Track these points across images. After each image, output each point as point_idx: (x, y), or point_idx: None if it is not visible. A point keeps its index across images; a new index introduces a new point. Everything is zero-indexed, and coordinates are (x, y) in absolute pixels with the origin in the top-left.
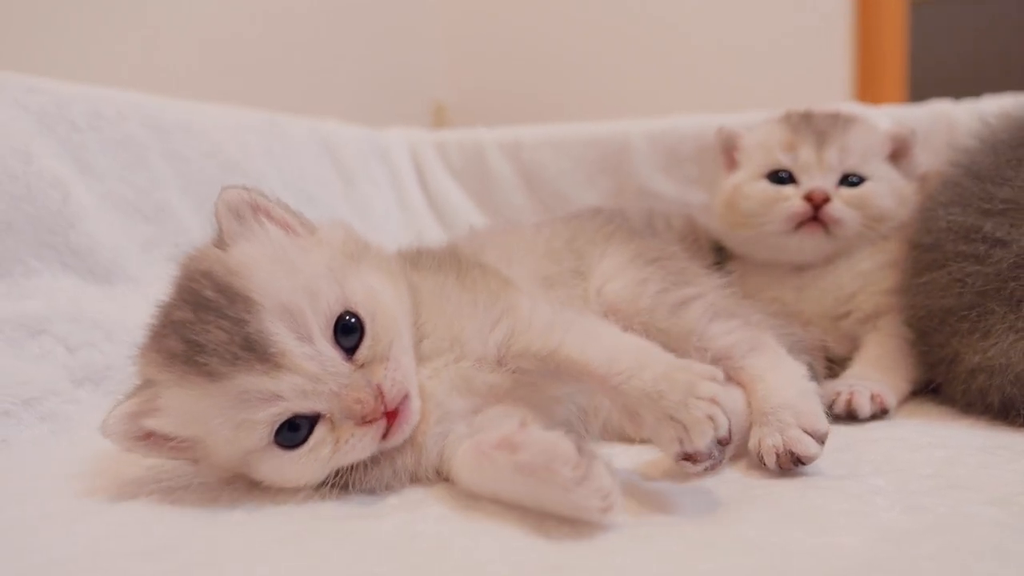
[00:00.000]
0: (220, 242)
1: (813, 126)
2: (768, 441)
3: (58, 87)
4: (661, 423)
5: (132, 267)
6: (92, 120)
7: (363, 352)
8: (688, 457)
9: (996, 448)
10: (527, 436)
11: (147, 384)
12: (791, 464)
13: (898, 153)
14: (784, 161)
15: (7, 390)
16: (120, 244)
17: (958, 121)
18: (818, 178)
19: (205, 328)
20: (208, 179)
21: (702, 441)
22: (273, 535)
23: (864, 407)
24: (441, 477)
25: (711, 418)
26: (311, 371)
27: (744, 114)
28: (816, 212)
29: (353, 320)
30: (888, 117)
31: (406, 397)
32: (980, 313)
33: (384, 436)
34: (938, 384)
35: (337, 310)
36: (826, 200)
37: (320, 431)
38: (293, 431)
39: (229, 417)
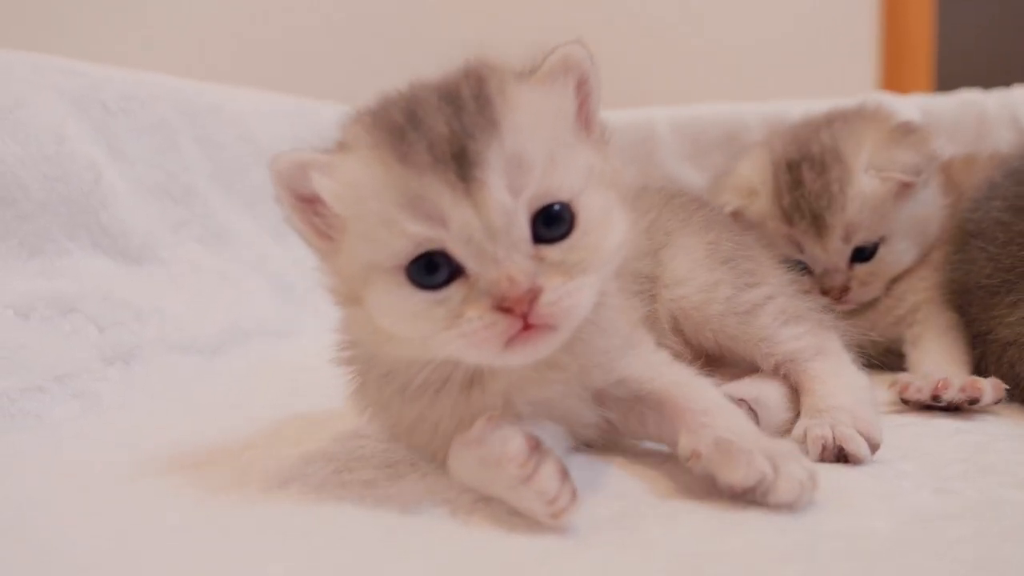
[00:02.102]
0: (523, 73)
1: (807, 204)
2: (817, 431)
3: (93, 70)
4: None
5: (162, 249)
6: (124, 103)
7: (552, 251)
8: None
9: None
10: (490, 431)
11: (339, 147)
12: (834, 459)
13: (906, 189)
14: (793, 255)
15: (40, 367)
16: (150, 226)
17: (988, 111)
18: (828, 269)
19: (436, 115)
20: (237, 164)
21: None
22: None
23: (989, 392)
24: None
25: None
26: (494, 222)
27: (770, 104)
28: (839, 295)
29: (565, 215)
30: (916, 108)
31: (553, 329)
32: (1010, 289)
33: (509, 341)
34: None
35: (559, 196)
36: (845, 289)
37: (456, 289)
38: (430, 271)
39: (387, 210)
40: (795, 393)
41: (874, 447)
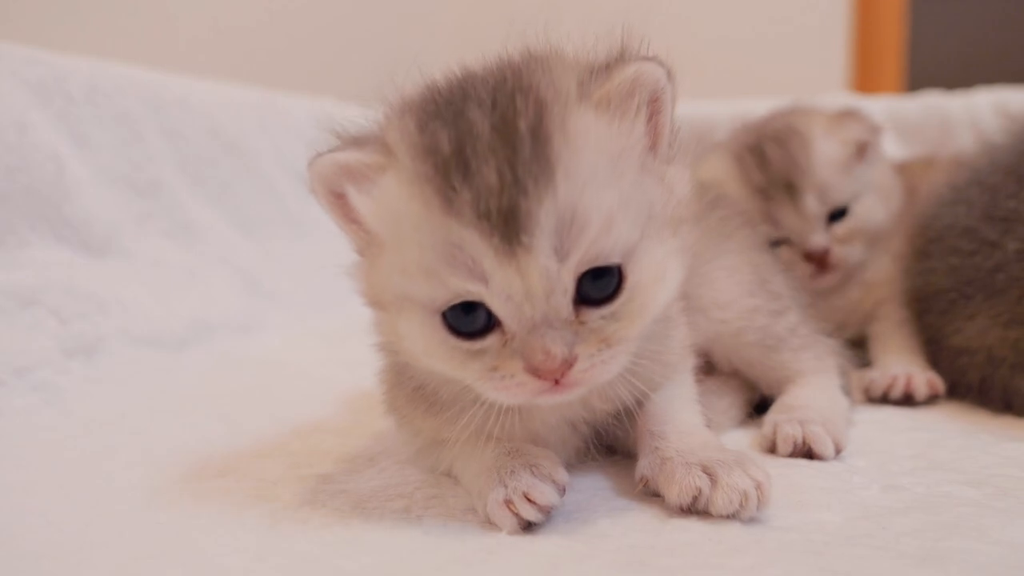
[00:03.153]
0: (586, 90)
1: (776, 176)
2: (787, 429)
3: (57, 60)
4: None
5: (126, 241)
6: (89, 94)
7: (594, 314)
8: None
9: (977, 432)
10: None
11: (381, 149)
12: (801, 456)
13: (863, 149)
14: (772, 233)
15: None
16: (114, 218)
17: (951, 114)
18: (807, 232)
19: (487, 157)
20: (204, 156)
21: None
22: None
23: (921, 389)
24: None
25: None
26: (535, 289)
27: (739, 102)
28: (821, 262)
29: (614, 277)
30: (881, 110)
31: (583, 385)
32: (966, 298)
33: (540, 393)
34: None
35: (610, 259)
36: (827, 252)
37: (492, 340)
38: (467, 319)
39: (427, 257)
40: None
41: (839, 448)
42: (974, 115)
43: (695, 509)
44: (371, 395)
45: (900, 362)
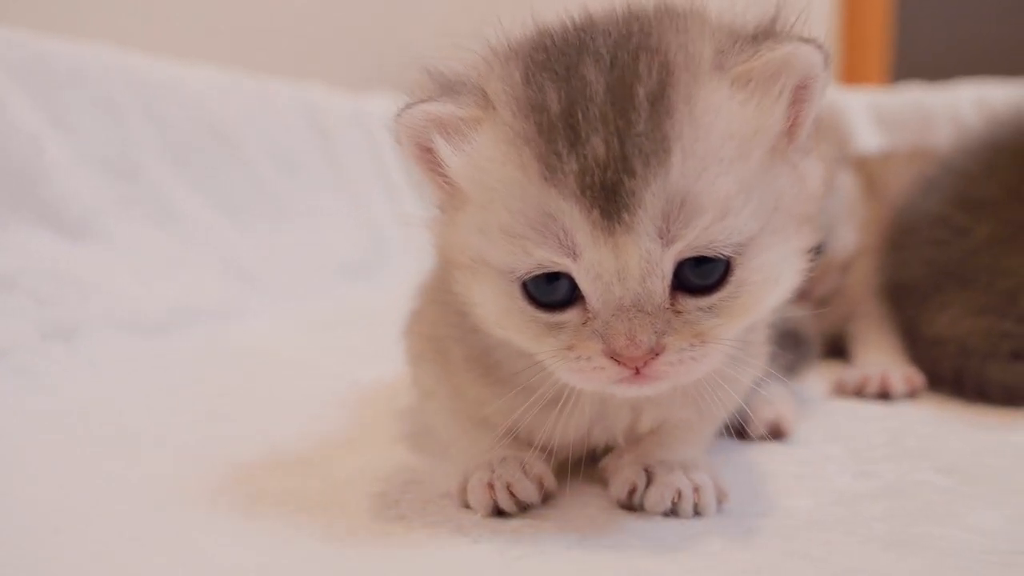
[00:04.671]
0: (725, 60)
1: None
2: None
3: (39, 42)
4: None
5: (107, 225)
6: (73, 76)
7: (691, 303)
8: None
9: (949, 420)
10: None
11: (479, 99)
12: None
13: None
14: None
15: None
16: (96, 202)
17: (932, 108)
18: None
19: (597, 124)
20: (188, 142)
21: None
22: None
23: (898, 387)
24: None
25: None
26: (630, 271)
27: None
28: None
29: (723, 269)
30: (864, 103)
31: (662, 380)
32: (940, 289)
33: (619, 381)
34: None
35: (720, 251)
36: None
37: (573, 315)
38: (549, 288)
39: (515, 223)
40: None
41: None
42: (955, 109)
43: (631, 504)
44: (351, 380)
45: (877, 361)
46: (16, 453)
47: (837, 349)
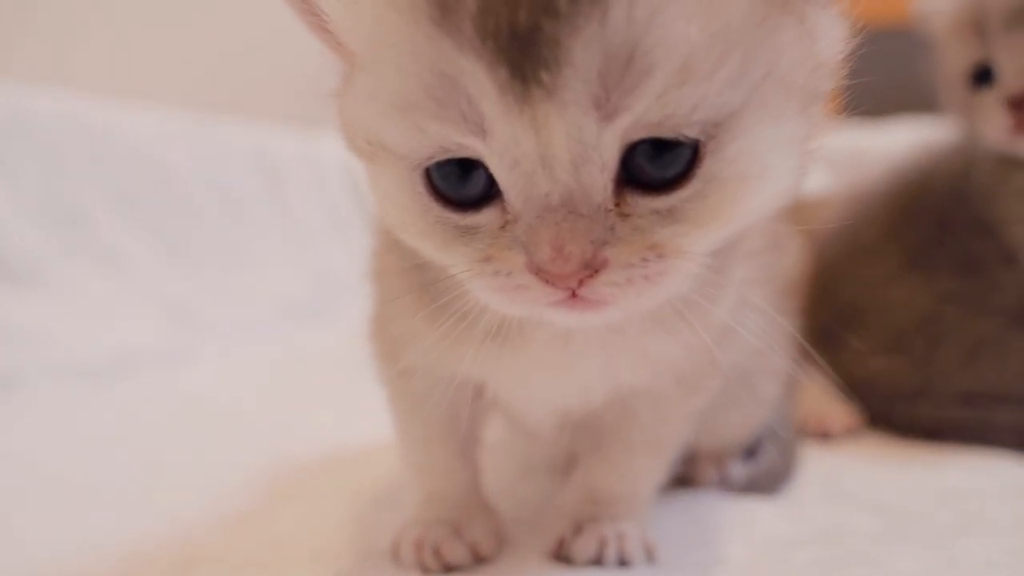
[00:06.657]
0: None
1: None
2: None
3: None
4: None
5: (49, 272)
6: (10, 123)
7: (644, 204)
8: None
9: (883, 459)
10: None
11: None
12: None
13: None
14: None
15: None
16: (37, 248)
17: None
18: None
19: None
20: (132, 186)
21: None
22: None
23: (835, 427)
24: None
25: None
26: (557, 154)
27: None
28: None
29: (688, 158)
30: None
31: (607, 306)
32: (849, 330)
33: (551, 304)
34: None
35: (684, 130)
36: None
37: (489, 216)
38: (459, 180)
39: (407, 87)
40: None
41: None
42: (889, 148)
43: (561, 556)
44: (295, 429)
45: (815, 399)
46: None
47: None
